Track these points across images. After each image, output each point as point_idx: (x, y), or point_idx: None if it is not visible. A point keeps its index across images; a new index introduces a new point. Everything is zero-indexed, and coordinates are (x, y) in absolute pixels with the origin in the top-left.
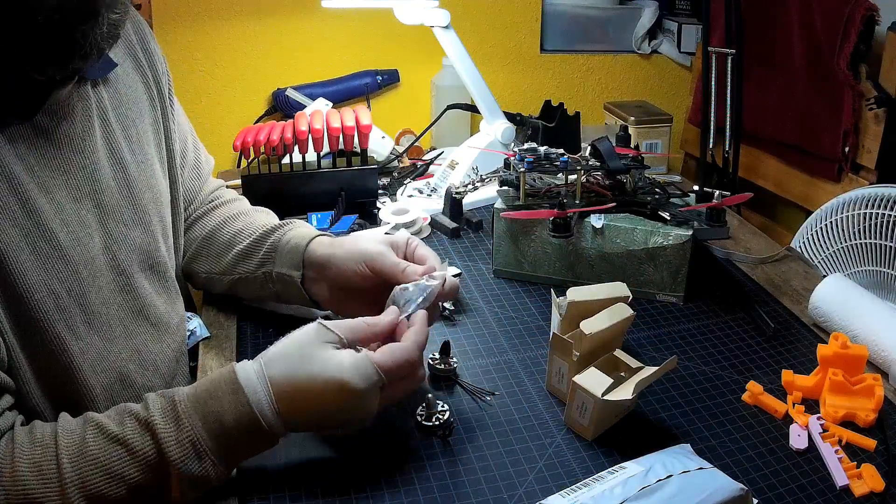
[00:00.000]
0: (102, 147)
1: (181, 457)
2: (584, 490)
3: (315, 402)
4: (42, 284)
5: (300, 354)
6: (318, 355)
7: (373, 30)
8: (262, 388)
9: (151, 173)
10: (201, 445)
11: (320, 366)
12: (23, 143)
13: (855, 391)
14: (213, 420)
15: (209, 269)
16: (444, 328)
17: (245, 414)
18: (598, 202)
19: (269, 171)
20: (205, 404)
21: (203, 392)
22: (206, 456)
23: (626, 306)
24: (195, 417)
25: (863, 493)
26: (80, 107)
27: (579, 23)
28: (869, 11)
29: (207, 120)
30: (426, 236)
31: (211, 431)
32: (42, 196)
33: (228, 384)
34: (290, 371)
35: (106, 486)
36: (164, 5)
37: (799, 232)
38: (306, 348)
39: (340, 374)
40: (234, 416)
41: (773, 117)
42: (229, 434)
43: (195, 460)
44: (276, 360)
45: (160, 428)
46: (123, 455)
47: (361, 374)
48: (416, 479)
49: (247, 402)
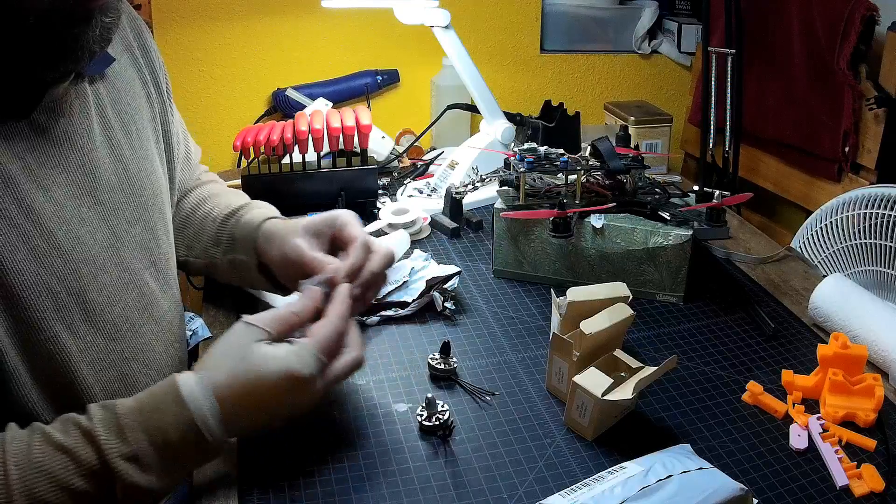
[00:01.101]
0: (102, 144)
1: (126, 469)
2: (584, 490)
3: (262, 401)
4: (40, 284)
5: (237, 358)
6: (255, 354)
7: (373, 30)
8: (204, 400)
9: (152, 169)
10: (146, 459)
11: (261, 365)
12: (20, 141)
13: (855, 391)
14: (157, 434)
15: (185, 253)
16: (444, 328)
17: (189, 428)
18: (598, 202)
19: (269, 171)
20: (148, 418)
21: (146, 405)
22: (151, 470)
23: (626, 306)
24: (138, 431)
25: (863, 493)
26: (78, 103)
27: (579, 23)
28: (869, 11)
29: (207, 120)
30: (426, 236)
31: (155, 446)
32: (40, 194)
33: (172, 397)
34: (231, 378)
35: (51, 493)
36: (164, 5)
37: (799, 232)
38: (241, 351)
39: (285, 367)
40: (179, 431)
41: (773, 117)
42: (174, 448)
43: (140, 473)
44: (215, 368)
45: (103, 440)
46: (68, 464)
47: (303, 361)
48: (416, 479)
49: (190, 416)
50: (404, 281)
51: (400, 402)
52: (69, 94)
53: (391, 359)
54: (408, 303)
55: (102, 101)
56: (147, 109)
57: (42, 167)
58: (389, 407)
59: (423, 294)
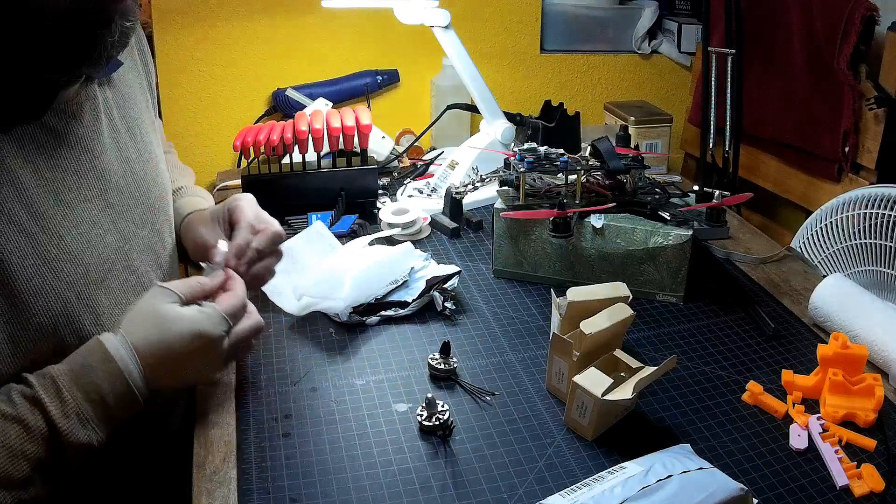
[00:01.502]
0: (110, 146)
1: (69, 427)
2: (584, 490)
3: (177, 357)
4: (49, 291)
5: (154, 317)
6: (169, 314)
7: (373, 30)
8: (128, 356)
9: (157, 172)
10: (84, 415)
11: (175, 323)
12: (31, 143)
13: (855, 391)
14: (91, 391)
15: None
16: (444, 328)
17: (119, 382)
18: (598, 202)
19: (269, 171)
20: (81, 376)
21: (77, 367)
22: (89, 424)
23: (626, 306)
24: (75, 390)
25: (863, 493)
26: (88, 106)
27: (579, 23)
28: (869, 11)
29: (207, 120)
30: (426, 236)
31: (91, 401)
32: (50, 198)
33: (99, 356)
34: (149, 335)
35: (11, 465)
36: (164, 5)
37: (799, 232)
38: (157, 310)
39: (197, 326)
40: (110, 386)
41: (773, 117)
42: (106, 402)
43: (81, 429)
44: (134, 327)
45: (47, 402)
46: (21, 432)
47: (213, 322)
48: (416, 479)
49: (118, 370)
50: (404, 281)
51: (400, 402)
52: (79, 96)
53: (391, 359)
54: (408, 303)
55: (109, 104)
56: (146, 111)
57: (53, 170)
58: (389, 407)
59: (423, 294)
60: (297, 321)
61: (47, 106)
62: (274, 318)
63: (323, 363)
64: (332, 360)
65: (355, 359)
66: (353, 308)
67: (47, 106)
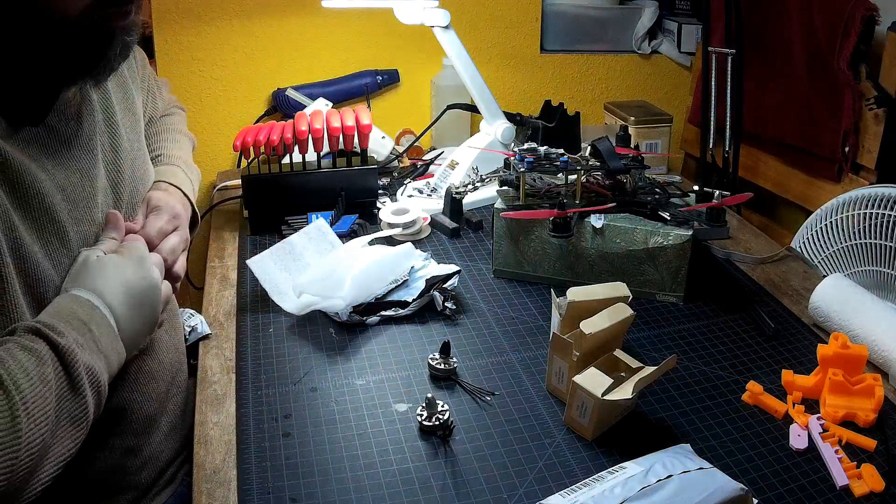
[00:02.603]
0: (102, 146)
1: (68, 345)
2: (584, 490)
3: (129, 288)
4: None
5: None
6: (101, 259)
7: (373, 30)
8: (88, 294)
9: (144, 169)
10: (77, 340)
11: (108, 262)
12: (35, 144)
13: (855, 391)
14: (74, 321)
15: None
16: (444, 328)
17: (96, 314)
18: (598, 202)
19: (269, 171)
20: (59, 313)
21: (51, 309)
22: (85, 347)
23: (626, 306)
24: (60, 322)
25: (863, 493)
26: (85, 107)
27: (579, 23)
28: (869, 11)
29: (207, 120)
30: (426, 236)
31: (78, 330)
32: (58, 193)
33: (66, 298)
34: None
35: (33, 390)
36: (164, 5)
37: (799, 232)
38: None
39: (129, 256)
40: (88, 316)
41: (773, 117)
42: (91, 331)
43: (80, 350)
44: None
45: (42, 328)
46: (30, 357)
47: (135, 247)
48: (416, 479)
49: (89, 302)
50: (404, 280)
51: (400, 402)
52: (76, 97)
53: (391, 359)
54: (408, 302)
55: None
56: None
57: (58, 167)
58: (389, 407)
59: (423, 293)
60: (297, 321)
61: (48, 109)
62: (274, 318)
63: (323, 363)
64: (332, 360)
65: (355, 359)
66: (353, 308)
67: (48, 109)
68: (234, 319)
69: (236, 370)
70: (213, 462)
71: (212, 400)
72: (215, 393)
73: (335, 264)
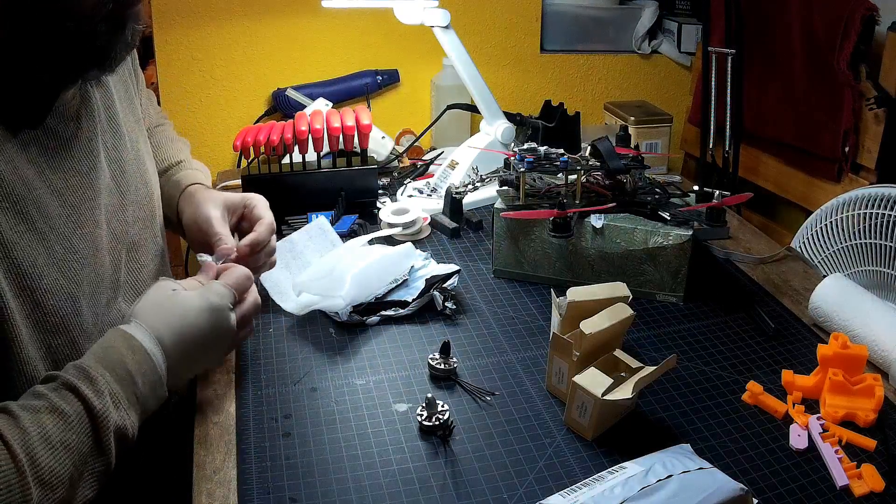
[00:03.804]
0: (102, 147)
1: (104, 408)
2: (584, 490)
3: (192, 335)
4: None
5: (164, 302)
6: (178, 296)
7: (373, 30)
8: (147, 336)
9: (145, 170)
10: (116, 395)
11: (185, 301)
12: (35, 146)
13: (855, 391)
14: (119, 369)
15: None
16: (444, 328)
17: (143, 360)
18: (598, 202)
19: (269, 171)
20: (106, 359)
21: (100, 351)
22: (121, 405)
23: (626, 306)
24: (103, 370)
25: (863, 493)
26: (84, 108)
27: (579, 23)
28: (869, 11)
29: (207, 120)
30: (426, 236)
31: (121, 381)
32: (55, 199)
33: (120, 338)
34: (163, 317)
35: (54, 460)
36: (164, 5)
37: (799, 232)
38: (166, 296)
39: (206, 300)
40: (136, 363)
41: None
42: (135, 381)
43: (115, 411)
44: (146, 314)
45: (79, 385)
46: (58, 422)
47: (219, 293)
48: (416, 479)
49: (141, 348)
50: (404, 280)
51: (400, 402)
52: (76, 98)
53: (391, 359)
54: (408, 302)
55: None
56: (132, 112)
57: (56, 171)
58: (389, 407)
59: (423, 293)
60: (297, 321)
61: (48, 110)
62: (274, 318)
63: (323, 363)
64: (332, 360)
65: (355, 359)
66: (353, 308)
67: (48, 110)
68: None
69: (236, 370)
70: (213, 462)
71: (212, 400)
72: (215, 393)
73: (335, 263)
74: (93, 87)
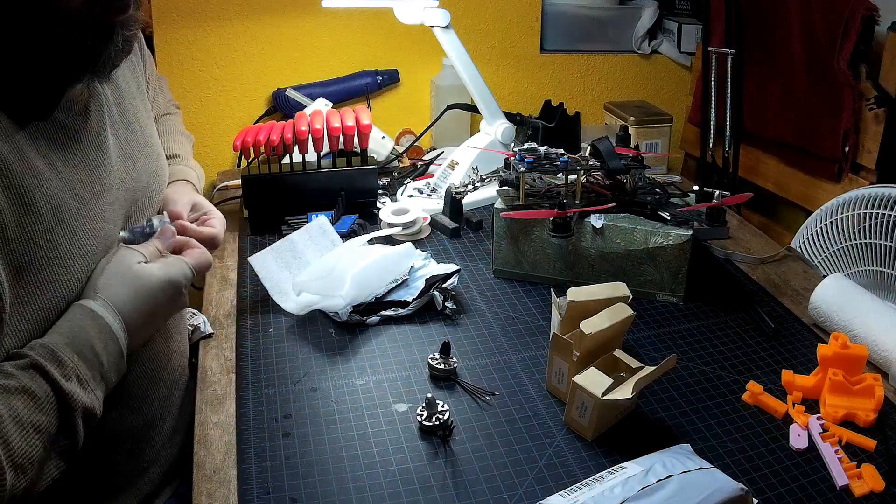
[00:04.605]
0: (113, 142)
1: (72, 389)
2: (584, 490)
3: (151, 309)
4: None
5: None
6: (142, 272)
7: (373, 30)
8: (112, 314)
9: (159, 164)
10: (82, 376)
11: (148, 279)
12: (44, 139)
13: (855, 391)
14: (86, 350)
15: None
16: (444, 328)
17: (109, 339)
18: (598, 202)
19: (269, 171)
20: (74, 339)
21: (66, 330)
22: (88, 385)
23: (626, 306)
24: (70, 352)
25: (863, 493)
26: (94, 103)
27: (579, 23)
28: (869, 11)
29: (207, 120)
30: (426, 236)
31: (87, 362)
32: (68, 193)
33: (88, 316)
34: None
35: (23, 441)
36: (164, 5)
37: (799, 232)
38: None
39: (165, 274)
40: (102, 343)
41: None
42: (100, 361)
43: (82, 392)
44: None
45: (48, 367)
46: (27, 402)
47: (181, 270)
48: (416, 479)
49: (107, 326)
50: (404, 280)
51: (400, 402)
52: (85, 94)
53: (391, 359)
54: (408, 302)
55: (109, 100)
56: (143, 105)
57: (66, 164)
58: (389, 407)
59: (424, 293)
60: (297, 321)
61: (55, 104)
62: (274, 318)
63: (323, 363)
64: (332, 360)
65: (355, 359)
66: (353, 308)
67: (55, 104)
68: (234, 320)
69: (236, 370)
70: (213, 462)
71: (212, 400)
72: (215, 393)
73: (335, 263)
74: (103, 82)
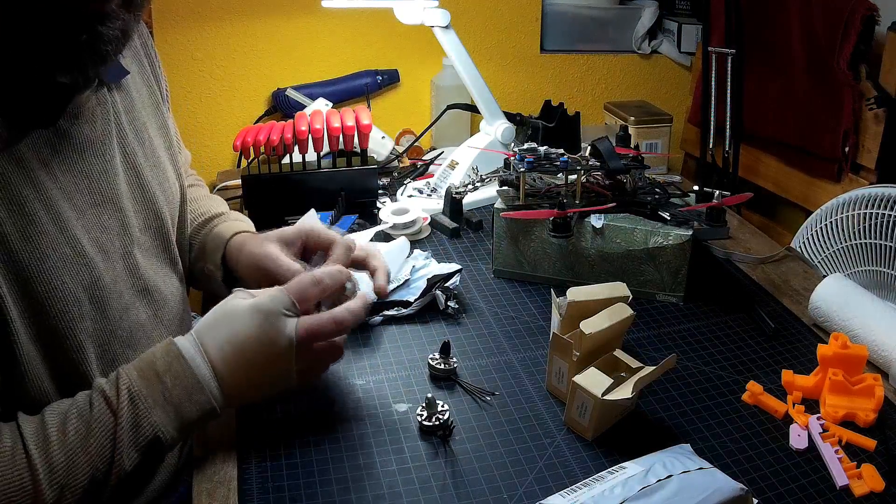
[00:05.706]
0: (119, 151)
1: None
2: (584, 490)
3: (237, 340)
4: (67, 294)
5: (217, 310)
6: (228, 303)
7: (373, 30)
8: (188, 342)
9: (165, 177)
10: (136, 393)
11: (233, 308)
12: (47, 147)
13: (855, 391)
14: (147, 370)
15: None
16: (444, 328)
17: (176, 362)
18: (598, 202)
19: (269, 171)
20: (141, 361)
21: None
22: (140, 401)
23: (626, 306)
24: (131, 369)
25: (863, 493)
26: (100, 111)
27: (579, 23)
28: (869, 11)
29: (207, 120)
30: (426, 236)
31: (145, 379)
32: (65, 201)
33: (163, 345)
34: (209, 323)
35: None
36: (164, 5)
37: (799, 232)
38: (220, 305)
39: (250, 302)
40: (165, 365)
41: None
42: (162, 382)
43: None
44: (201, 323)
45: (102, 383)
46: (79, 422)
47: (268, 294)
48: (417, 479)
49: (176, 351)
50: (406, 279)
51: (400, 402)
52: (92, 101)
53: (391, 359)
54: (410, 302)
55: (118, 109)
56: (155, 117)
57: (66, 174)
58: (389, 407)
59: (425, 292)
60: None
61: (61, 111)
62: None
63: None
64: None
65: (355, 358)
66: None
67: (61, 111)
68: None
69: None
70: (213, 462)
71: None
72: None
73: None
74: (112, 90)
